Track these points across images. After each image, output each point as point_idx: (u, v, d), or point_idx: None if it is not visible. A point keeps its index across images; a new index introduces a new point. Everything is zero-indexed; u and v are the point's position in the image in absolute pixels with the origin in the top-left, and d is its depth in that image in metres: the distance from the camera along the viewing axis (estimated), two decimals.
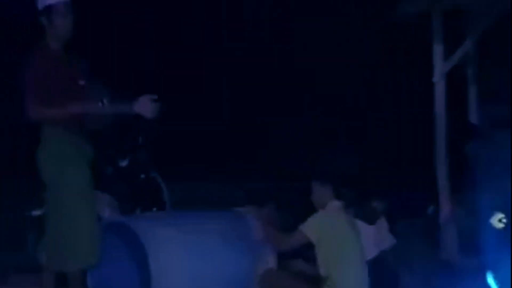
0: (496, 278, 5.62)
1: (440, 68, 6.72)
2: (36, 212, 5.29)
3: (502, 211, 5.72)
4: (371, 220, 5.98)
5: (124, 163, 5.72)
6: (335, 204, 5.22)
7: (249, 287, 5.13)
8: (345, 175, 6.48)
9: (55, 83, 4.53)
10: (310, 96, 8.96)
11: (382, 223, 5.98)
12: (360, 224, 5.80)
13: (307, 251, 5.41)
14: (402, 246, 6.12)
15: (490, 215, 5.80)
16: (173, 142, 8.52)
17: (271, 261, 5.29)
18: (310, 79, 9.01)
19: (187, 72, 9.38)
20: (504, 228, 5.71)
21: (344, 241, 5.11)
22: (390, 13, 6.82)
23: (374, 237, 5.87)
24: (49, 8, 4.56)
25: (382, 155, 7.33)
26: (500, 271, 5.57)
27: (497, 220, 5.75)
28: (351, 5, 8.64)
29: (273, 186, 6.58)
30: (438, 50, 6.73)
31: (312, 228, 5.09)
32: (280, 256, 5.30)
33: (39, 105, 4.45)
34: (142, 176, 5.90)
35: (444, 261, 6.34)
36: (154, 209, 5.85)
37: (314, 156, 7.95)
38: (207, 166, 8.45)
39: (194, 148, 8.88)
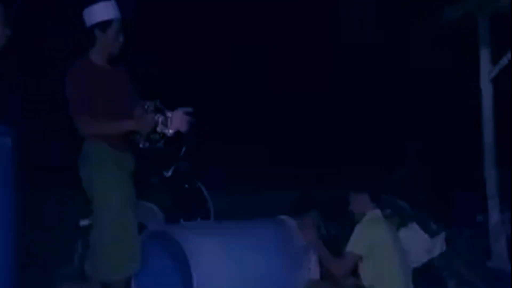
0: None
1: (487, 71, 6.59)
2: (84, 222, 5.35)
3: None
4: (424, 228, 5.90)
5: (168, 173, 5.74)
6: (374, 213, 5.15)
7: None
8: (386, 183, 6.40)
9: (102, 97, 4.55)
10: (354, 104, 8.90)
11: (416, 227, 5.88)
12: (413, 229, 5.72)
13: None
14: (451, 254, 6.02)
15: None
16: (216, 151, 8.54)
17: (313, 271, 5.23)
18: (354, 85, 8.95)
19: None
20: None
21: (384, 251, 5.03)
22: (435, 17, 6.71)
23: (425, 243, 5.77)
24: (108, 22, 4.58)
25: (431, 162, 7.21)
26: None
27: None
28: (397, 9, 8.56)
29: (316, 194, 6.53)
30: (484, 54, 6.60)
31: (359, 245, 5.02)
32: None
33: (87, 118, 4.47)
34: (186, 186, 5.91)
35: (493, 269, 6.20)
36: (198, 219, 5.85)
37: (351, 166, 7.89)
38: (252, 175, 8.45)
39: (238, 157, 8.88)
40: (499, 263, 6.35)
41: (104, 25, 4.58)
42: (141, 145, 4.51)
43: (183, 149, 5.74)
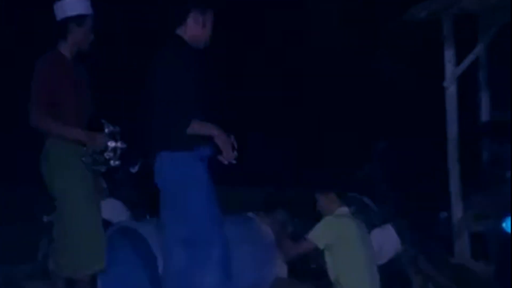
0: (508, 283, 5.49)
1: (451, 72, 6.59)
2: (47, 218, 5.21)
3: None
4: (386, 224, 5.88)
5: (134, 169, 5.62)
6: (342, 210, 5.12)
7: None
8: (352, 180, 6.38)
9: (65, 93, 4.46)
10: (315, 104, 8.90)
11: (391, 229, 5.86)
12: (377, 230, 5.71)
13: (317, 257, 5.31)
14: (414, 251, 6.00)
15: (502, 219, 5.68)
16: None
17: (281, 269, 5.17)
18: (320, 84, 8.94)
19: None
20: None
21: (352, 245, 5.01)
22: (400, 17, 6.70)
23: (397, 244, 5.76)
24: (84, 17, 4.51)
25: (393, 160, 7.21)
26: None
27: (509, 224, 5.62)
28: (362, 9, 8.56)
29: (285, 192, 6.47)
30: (449, 54, 6.61)
31: (319, 235, 5.00)
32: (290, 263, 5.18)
33: (45, 114, 4.36)
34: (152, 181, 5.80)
35: (456, 266, 6.19)
36: None
37: (317, 165, 7.87)
38: (220, 170, 8.37)
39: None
40: (462, 260, 6.35)
41: (80, 19, 4.51)
42: (83, 159, 4.39)
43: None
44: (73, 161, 4.44)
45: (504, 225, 5.60)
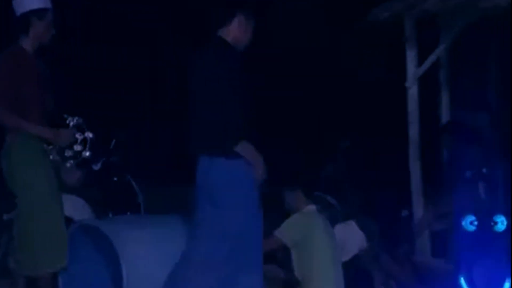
0: (468, 281, 5.55)
1: (413, 73, 6.64)
2: (7, 216, 5.11)
3: (474, 214, 5.66)
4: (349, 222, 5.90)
5: (97, 166, 5.56)
6: (309, 208, 5.13)
7: None
8: (317, 179, 6.40)
9: (28, 89, 4.39)
10: (282, 101, 8.89)
11: (354, 225, 5.89)
12: (340, 225, 5.72)
13: (281, 255, 5.31)
14: (377, 248, 6.03)
15: (462, 217, 5.74)
16: (148, 144, 8.38)
17: None
18: (285, 85, 8.93)
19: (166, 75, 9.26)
20: (475, 231, 5.65)
21: (318, 244, 5.03)
22: (363, 18, 6.73)
23: (361, 241, 5.78)
24: (45, 11, 4.47)
25: (356, 159, 7.24)
26: (472, 274, 5.50)
27: (469, 223, 5.69)
28: (323, 9, 8.57)
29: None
30: (410, 54, 6.65)
31: (286, 232, 4.99)
32: None
33: (7, 110, 4.29)
34: (115, 179, 5.75)
35: (417, 264, 6.24)
36: (128, 213, 5.68)
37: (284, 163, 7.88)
38: (184, 168, 8.32)
39: (171, 150, 8.74)
40: (423, 257, 6.40)
41: (42, 12, 4.47)
42: (51, 157, 4.32)
43: (113, 142, 5.58)
44: (35, 158, 4.37)
45: (463, 223, 5.66)
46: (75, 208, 5.45)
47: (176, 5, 9.01)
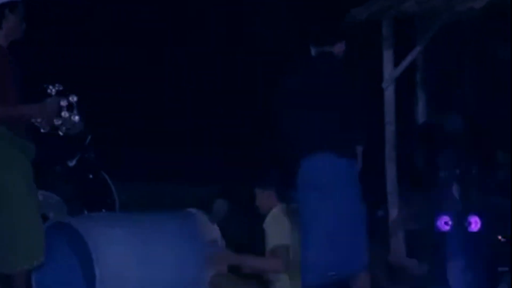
0: (442, 279, 5.53)
1: (389, 73, 6.60)
2: None
3: (448, 214, 5.65)
4: None
5: (72, 163, 5.45)
6: (280, 207, 5.07)
7: None
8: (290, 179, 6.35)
9: (4, 82, 4.28)
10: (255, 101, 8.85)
11: None
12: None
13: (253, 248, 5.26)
14: None
15: (436, 218, 5.72)
16: (124, 141, 8.27)
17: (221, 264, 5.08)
18: (258, 84, 8.87)
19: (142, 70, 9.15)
20: (449, 231, 5.64)
21: (292, 243, 4.92)
22: (341, 19, 6.68)
23: None
24: (17, 3, 4.37)
25: None
26: (446, 274, 5.48)
27: (443, 223, 5.68)
28: (300, 8, 8.52)
29: (226, 187, 6.39)
30: (387, 56, 6.62)
31: (286, 235, 4.94)
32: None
33: None
34: (90, 176, 5.64)
35: (391, 263, 6.20)
36: (103, 210, 5.58)
37: (256, 161, 7.82)
38: (160, 166, 8.25)
39: (147, 147, 8.65)
40: (398, 258, 6.36)
41: (13, 5, 4.38)
42: (42, 130, 4.20)
43: (88, 138, 5.47)
44: (11, 154, 4.26)
45: (438, 223, 5.64)
46: (49, 205, 5.34)
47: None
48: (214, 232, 5.12)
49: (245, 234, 5.65)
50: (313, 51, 5.12)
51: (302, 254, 4.77)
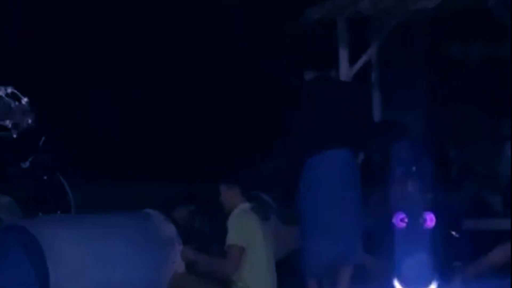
0: (399, 277, 5.53)
1: (345, 72, 6.62)
2: None
3: (404, 211, 5.66)
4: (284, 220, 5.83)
5: (25, 164, 5.33)
6: (244, 206, 5.01)
7: None
8: (255, 177, 6.31)
9: None
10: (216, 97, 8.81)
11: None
12: (276, 223, 5.64)
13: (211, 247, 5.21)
14: None
15: (393, 215, 5.72)
16: (80, 142, 8.15)
17: (179, 264, 5.01)
18: (222, 82, 8.84)
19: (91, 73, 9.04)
20: (405, 228, 5.64)
21: (254, 242, 4.92)
22: (297, 18, 6.68)
23: (287, 237, 5.70)
24: None
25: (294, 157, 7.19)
26: (403, 270, 5.49)
27: (399, 220, 5.68)
28: (257, 9, 8.51)
29: (187, 188, 6.33)
30: (343, 55, 6.63)
31: (241, 236, 4.88)
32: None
33: None
34: (45, 177, 5.53)
35: None
36: (58, 212, 5.47)
37: (221, 159, 7.77)
38: (118, 167, 8.15)
39: (105, 148, 8.54)
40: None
41: None
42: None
43: (42, 139, 5.36)
44: None
45: (394, 220, 5.65)
46: (2, 207, 5.21)
47: None
48: (171, 231, 5.05)
49: (211, 234, 5.62)
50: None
51: (302, 246, 5.09)
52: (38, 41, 8.62)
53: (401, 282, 5.54)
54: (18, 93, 4.15)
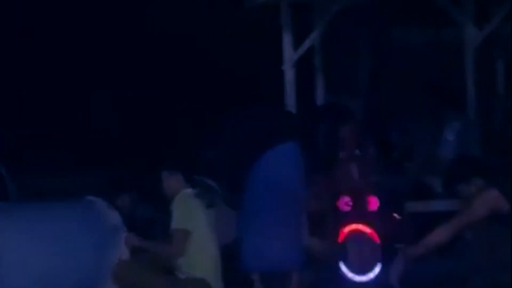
0: (343, 257, 5.61)
1: (289, 56, 6.62)
2: None
3: (348, 194, 5.71)
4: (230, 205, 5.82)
5: None
6: (187, 191, 4.98)
7: (102, 278, 4.80)
8: (198, 163, 6.28)
9: None
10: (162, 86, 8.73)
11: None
12: (220, 208, 5.64)
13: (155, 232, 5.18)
14: None
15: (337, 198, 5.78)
16: (20, 134, 8.01)
17: (123, 251, 4.96)
18: (160, 71, 8.76)
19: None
20: (350, 211, 5.70)
21: (197, 227, 4.89)
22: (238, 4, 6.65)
23: (230, 222, 5.70)
24: None
25: (237, 143, 7.18)
26: (347, 253, 5.58)
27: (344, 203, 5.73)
28: None
29: (130, 175, 6.26)
30: (287, 39, 6.63)
31: (185, 220, 4.84)
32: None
33: None
34: None
35: None
36: None
37: (164, 145, 7.72)
38: (60, 155, 8.02)
39: (45, 139, 8.41)
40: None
41: None
42: None
43: None
44: None
45: (339, 203, 5.71)
46: None
47: None
48: (114, 218, 4.99)
49: (155, 221, 5.58)
50: None
51: (242, 241, 5.12)
52: None
53: (347, 265, 5.61)
54: None
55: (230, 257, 5.26)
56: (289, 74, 6.66)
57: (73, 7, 8.87)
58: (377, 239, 5.55)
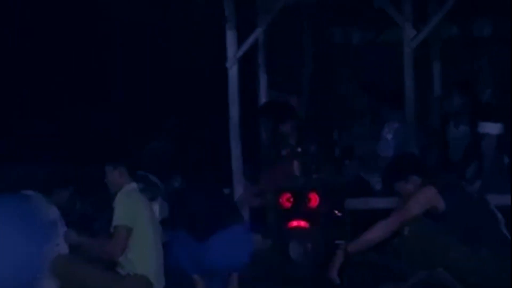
0: (284, 253, 5.65)
1: (233, 53, 6.61)
2: None
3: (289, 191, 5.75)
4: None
5: None
6: (131, 186, 4.96)
7: (38, 273, 4.74)
8: (141, 157, 6.25)
9: None
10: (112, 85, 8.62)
11: None
12: (162, 204, 5.62)
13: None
14: None
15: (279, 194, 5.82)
16: None
17: (62, 245, 4.90)
18: (119, 62, 8.64)
19: None
20: (291, 208, 5.74)
21: (140, 223, 4.88)
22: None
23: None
24: None
25: (180, 138, 7.16)
26: (289, 247, 5.62)
27: (285, 200, 5.77)
28: None
29: (71, 169, 6.16)
30: (230, 36, 6.62)
31: (126, 216, 4.81)
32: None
33: None
34: None
35: None
36: None
37: (108, 140, 7.63)
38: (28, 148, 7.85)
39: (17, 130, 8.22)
40: None
41: None
42: None
43: None
44: None
45: (280, 200, 5.76)
46: None
47: None
48: (53, 213, 4.93)
49: (95, 216, 5.52)
50: None
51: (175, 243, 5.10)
52: None
53: (287, 259, 5.66)
54: None
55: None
56: (233, 71, 6.66)
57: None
58: (317, 236, 5.62)
